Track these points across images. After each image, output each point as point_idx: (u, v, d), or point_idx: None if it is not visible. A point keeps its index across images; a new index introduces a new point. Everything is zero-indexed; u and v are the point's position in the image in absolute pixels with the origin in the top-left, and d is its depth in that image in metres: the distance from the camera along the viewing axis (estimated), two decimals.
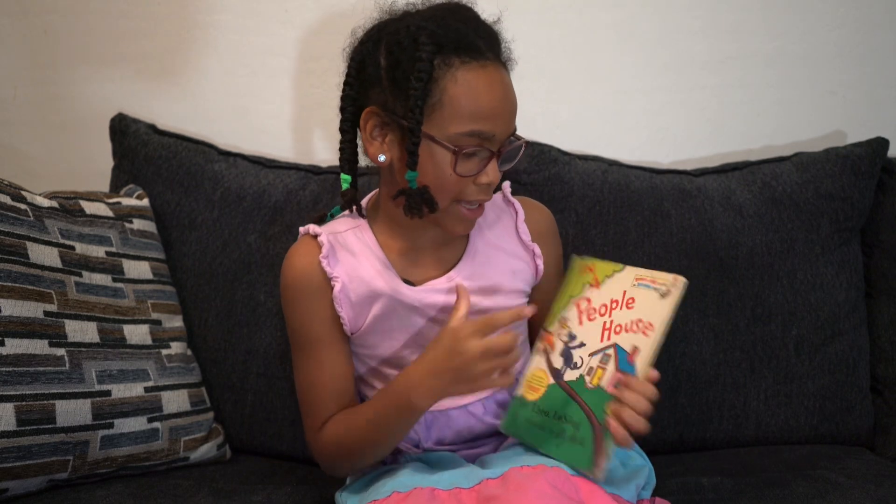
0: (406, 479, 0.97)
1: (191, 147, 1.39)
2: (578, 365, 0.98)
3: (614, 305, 0.98)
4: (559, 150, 1.37)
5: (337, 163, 1.39)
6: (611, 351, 0.96)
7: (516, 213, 1.12)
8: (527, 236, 1.11)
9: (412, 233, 1.06)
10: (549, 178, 1.33)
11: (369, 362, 1.09)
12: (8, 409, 1.00)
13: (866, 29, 1.45)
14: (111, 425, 1.10)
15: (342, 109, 1.02)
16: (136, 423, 1.13)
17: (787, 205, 1.33)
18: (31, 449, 1.02)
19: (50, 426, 1.04)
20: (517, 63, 1.03)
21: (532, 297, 1.13)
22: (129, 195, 1.32)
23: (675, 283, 0.95)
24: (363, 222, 1.08)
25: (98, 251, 1.19)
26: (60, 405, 1.05)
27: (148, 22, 1.49)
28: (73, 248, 1.16)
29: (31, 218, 1.12)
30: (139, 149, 1.38)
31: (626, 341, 0.95)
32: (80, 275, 1.15)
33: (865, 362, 1.33)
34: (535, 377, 1.02)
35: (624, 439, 0.92)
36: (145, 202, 1.32)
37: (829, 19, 1.45)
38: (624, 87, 1.47)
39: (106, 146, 1.42)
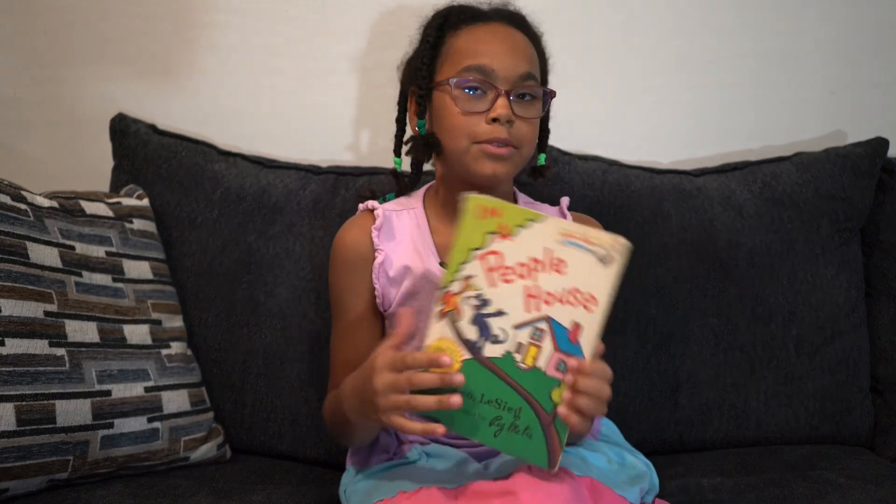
0: (413, 479, 0.97)
1: (191, 147, 1.39)
2: (501, 339, 0.83)
3: (537, 266, 0.83)
4: (559, 150, 1.37)
5: (337, 163, 1.42)
6: (544, 325, 0.83)
7: None
8: None
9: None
10: (549, 177, 1.33)
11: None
12: (8, 409, 1.00)
13: (867, 28, 1.45)
14: (111, 425, 1.09)
15: (399, 105, 1.16)
16: (136, 423, 1.12)
17: (787, 205, 1.33)
18: (31, 449, 1.02)
19: (50, 426, 1.03)
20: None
21: None
22: (129, 195, 1.32)
23: (615, 247, 0.81)
24: (419, 205, 1.13)
25: (98, 251, 1.19)
26: (60, 405, 1.05)
27: (148, 22, 1.49)
28: (73, 248, 1.15)
29: (31, 218, 1.12)
30: (139, 149, 1.38)
31: (562, 315, 0.82)
32: (80, 275, 1.15)
33: (865, 362, 1.33)
34: (442, 349, 0.84)
35: (582, 427, 0.84)
36: (145, 202, 1.32)
37: (829, 19, 1.45)
38: (624, 87, 1.47)
39: (106, 146, 1.42)
